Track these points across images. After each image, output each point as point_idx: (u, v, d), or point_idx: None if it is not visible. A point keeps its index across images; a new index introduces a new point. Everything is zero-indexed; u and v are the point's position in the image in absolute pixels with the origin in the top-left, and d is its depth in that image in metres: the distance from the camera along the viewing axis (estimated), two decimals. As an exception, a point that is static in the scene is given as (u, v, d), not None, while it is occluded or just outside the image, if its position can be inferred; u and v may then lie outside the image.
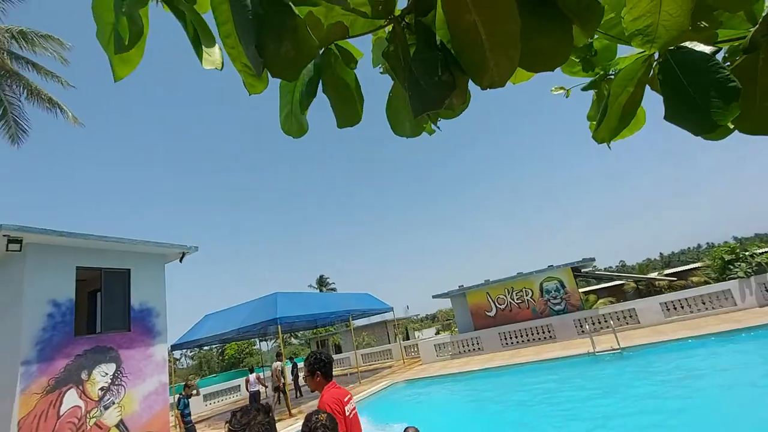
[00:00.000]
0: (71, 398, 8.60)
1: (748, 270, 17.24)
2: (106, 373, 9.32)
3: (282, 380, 13.29)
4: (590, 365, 11.50)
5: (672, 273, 34.77)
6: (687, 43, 0.96)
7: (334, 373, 2.89)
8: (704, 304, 14.70)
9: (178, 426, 9.57)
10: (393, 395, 13.16)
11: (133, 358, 9.89)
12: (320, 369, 2.80)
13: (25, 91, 14.26)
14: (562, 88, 1.57)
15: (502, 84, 0.83)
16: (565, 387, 10.04)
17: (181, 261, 11.65)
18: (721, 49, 1.08)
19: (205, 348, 42.05)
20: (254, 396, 13.62)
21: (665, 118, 0.96)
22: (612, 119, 1.16)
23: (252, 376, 13.98)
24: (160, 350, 10.59)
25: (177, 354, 49.93)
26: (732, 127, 1.00)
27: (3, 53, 12.89)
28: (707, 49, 0.97)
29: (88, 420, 8.72)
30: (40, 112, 14.55)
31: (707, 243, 78.25)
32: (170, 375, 14.66)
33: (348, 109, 1.21)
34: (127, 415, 9.34)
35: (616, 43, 1.22)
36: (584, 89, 1.44)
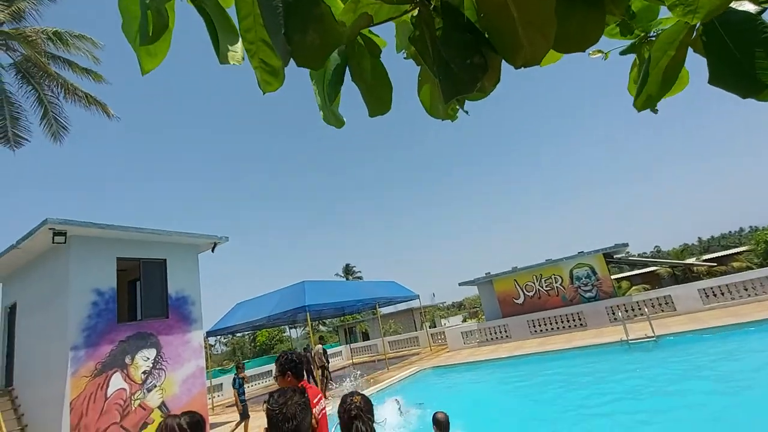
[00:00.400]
0: (117, 381, 9.14)
1: (797, 254, 16.23)
2: (148, 358, 9.83)
3: (324, 362, 13.52)
4: (623, 353, 11.20)
5: (711, 258, 33.21)
6: (732, 3, 0.91)
7: (362, 359, 2.95)
8: (746, 290, 13.98)
9: (235, 405, 10.37)
10: (421, 381, 13.28)
11: (171, 344, 10.38)
12: (291, 369, 2.90)
13: (63, 90, 14.96)
14: (600, 51, 1.50)
15: (538, 62, 0.81)
16: (595, 375, 9.84)
17: (212, 251, 12.06)
18: (766, 8, 1.01)
19: (238, 335, 43.70)
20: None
21: (710, 81, 0.92)
22: (652, 85, 1.09)
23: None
24: (196, 336, 11.07)
25: (212, 340, 52.18)
26: None
27: (42, 54, 13.48)
28: (752, 8, 0.93)
29: (132, 402, 9.26)
30: (76, 109, 15.19)
31: (750, 226, 73.88)
32: (206, 360, 15.35)
33: (377, 98, 1.22)
34: (168, 397, 9.86)
35: (658, 4, 1.15)
36: (623, 53, 1.37)
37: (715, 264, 29.34)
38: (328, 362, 16.66)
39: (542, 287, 18.92)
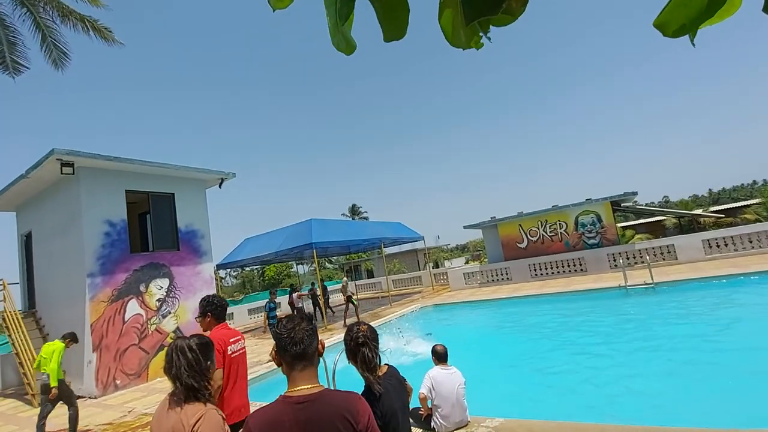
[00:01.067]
0: (133, 307, 9.66)
1: (808, 208, 15.98)
2: (161, 287, 10.30)
3: (350, 292, 14.64)
4: (620, 298, 11.52)
5: (720, 210, 32.91)
6: None
7: (367, 295, 3.03)
8: (751, 242, 13.98)
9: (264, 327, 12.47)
10: (422, 317, 13.91)
11: (183, 275, 10.81)
12: (212, 311, 3.12)
13: (58, 12, 14.16)
14: None
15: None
16: (589, 316, 10.20)
17: (220, 186, 12.11)
18: None
19: (247, 269, 45.46)
20: (299, 312, 14.76)
21: (764, 9, 0.78)
22: (692, 7, 0.91)
23: (294, 295, 15.01)
24: (207, 268, 11.49)
25: (222, 273, 54.39)
26: None
27: (30, -28, 12.60)
28: None
29: (149, 326, 9.85)
30: (77, 37, 14.49)
31: (764, 179, 72.22)
32: (217, 291, 16.07)
33: (394, 20, 1.13)
34: (182, 323, 10.46)
35: None
36: None
37: (723, 215, 29.13)
38: (328, 300, 17.49)
39: (546, 232, 19.07)
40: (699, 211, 34.24)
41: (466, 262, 44.65)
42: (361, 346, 1.98)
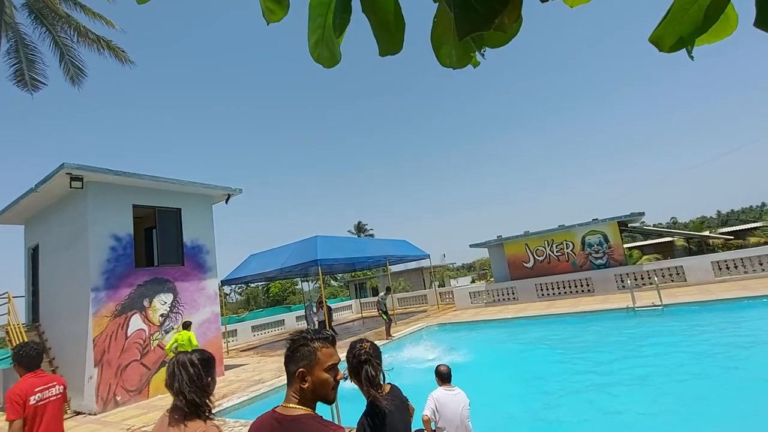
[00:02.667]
0: (136, 322, 9.63)
1: (820, 231, 15.74)
2: (165, 302, 10.28)
3: (385, 308, 14.01)
4: (628, 320, 11.30)
5: (728, 232, 32.52)
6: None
7: (372, 313, 2.99)
8: (761, 264, 13.74)
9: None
10: (427, 337, 13.70)
11: (187, 290, 10.80)
12: (18, 361, 3.23)
13: (75, 33, 14.74)
14: None
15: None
16: (599, 339, 9.99)
17: (226, 202, 12.22)
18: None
19: (252, 285, 45.30)
20: (320, 325, 14.58)
21: (755, 24, 0.79)
22: (687, 23, 0.90)
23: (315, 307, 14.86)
24: (211, 284, 11.48)
25: (227, 289, 54.28)
26: None
27: (52, -4, 13.16)
28: None
29: (151, 341, 9.80)
30: (92, 56, 15.03)
31: (774, 201, 71.46)
32: (221, 307, 16.02)
33: (390, 35, 1.12)
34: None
35: None
36: None
37: (732, 237, 28.78)
38: (331, 320, 17.26)
39: (553, 252, 18.90)
40: (707, 233, 33.87)
41: (472, 281, 44.21)
42: (364, 363, 1.94)
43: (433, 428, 4.29)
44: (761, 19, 0.78)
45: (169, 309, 10.33)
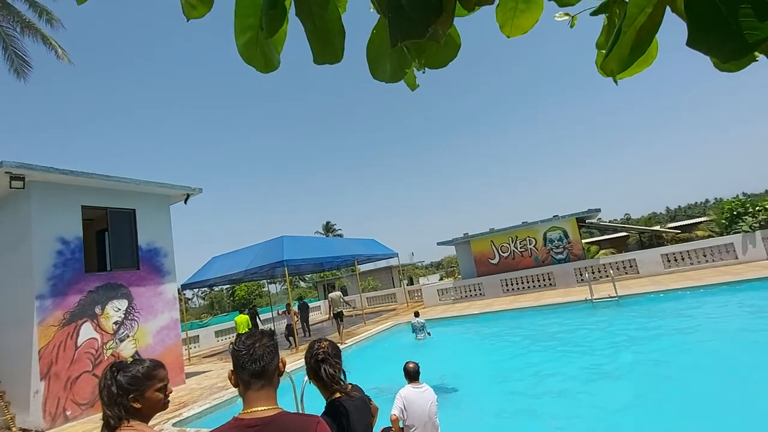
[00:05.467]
0: (87, 331, 9.03)
1: (754, 224, 17.12)
2: (119, 309, 9.71)
3: (339, 308, 13.73)
4: (587, 311, 11.81)
5: (676, 226, 34.72)
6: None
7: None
8: (705, 256, 14.76)
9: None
10: (396, 335, 13.72)
11: (143, 296, 10.25)
12: None
13: (19, 23, 13.86)
14: (567, 14, 1.34)
15: (491, 1, 0.77)
16: (560, 330, 10.37)
17: (185, 202, 11.70)
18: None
19: (216, 289, 43.84)
20: (288, 328, 14.15)
21: (688, 43, 0.81)
22: (624, 47, 0.98)
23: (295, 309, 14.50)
24: (170, 288, 10.95)
25: (188, 294, 52.20)
26: (757, 55, 0.88)
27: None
28: None
29: (105, 351, 9.22)
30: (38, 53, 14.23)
31: (715, 198, 77.32)
32: (182, 313, 15.35)
33: (326, 44, 1.04)
34: (141, 347, 9.86)
35: None
36: (593, 14, 1.23)
37: (680, 231, 30.73)
38: (308, 320, 16.99)
39: (517, 248, 19.46)
40: (658, 227, 35.98)
41: (440, 279, 44.83)
42: (321, 363, 1.89)
43: (401, 426, 4.27)
44: (693, 38, 0.80)
45: (123, 316, 9.76)
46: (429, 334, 11.30)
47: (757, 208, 18.04)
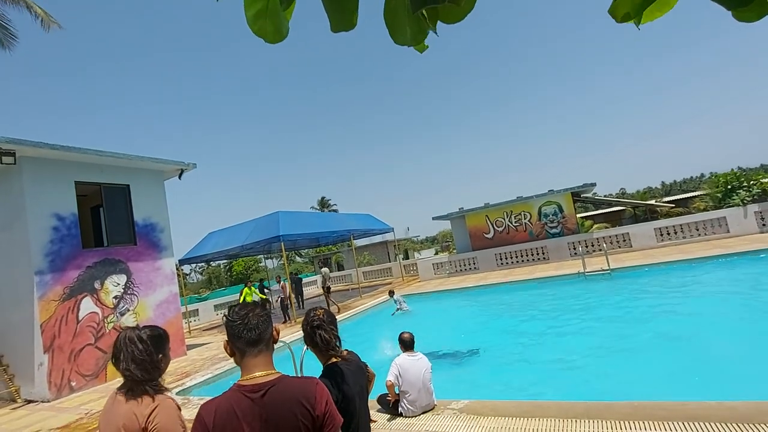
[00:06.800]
0: (88, 305, 9.15)
1: (747, 198, 17.28)
2: (118, 283, 9.80)
3: (327, 283, 14.97)
4: (579, 283, 12.04)
5: (672, 200, 34.95)
6: None
7: (337, 288, 2.99)
8: (698, 230, 14.95)
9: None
10: (391, 308, 13.98)
11: (142, 271, 10.33)
12: None
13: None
14: None
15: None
16: (553, 301, 10.61)
17: (180, 177, 11.61)
18: None
19: (213, 264, 44.10)
20: (281, 302, 14.41)
21: None
22: None
23: (285, 284, 14.67)
24: (167, 263, 11.03)
25: (187, 269, 52.48)
26: None
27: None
28: None
29: (106, 324, 9.37)
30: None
31: (710, 172, 77.60)
32: (181, 288, 15.51)
33: (342, 10, 1.06)
34: (142, 320, 10.02)
35: None
36: None
37: (674, 206, 30.98)
38: (302, 293, 17.24)
39: (511, 223, 19.61)
40: (653, 202, 36.22)
41: (436, 253, 45.27)
42: (317, 329, 1.96)
43: (397, 392, 4.45)
44: None
45: (123, 291, 9.87)
46: (407, 308, 12.07)
47: (752, 182, 18.18)
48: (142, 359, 1.74)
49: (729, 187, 18.09)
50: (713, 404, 3.37)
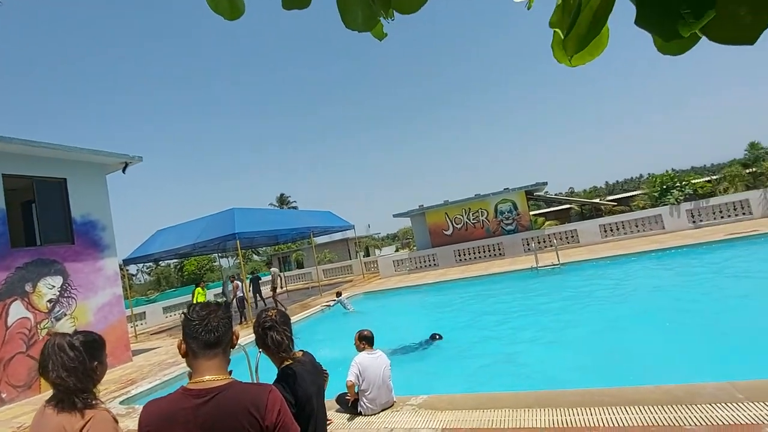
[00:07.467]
0: (17, 310, 8.34)
1: (680, 197, 18.85)
2: (53, 286, 9.01)
3: (275, 283, 15.42)
4: (532, 278, 12.59)
5: (614, 199, 37.39)
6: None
7: (297, 286, 2.91)
8: (637, 227, 16.08)
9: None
10: (352, 305, 13.92)
11: (81, 272, 9.57)
12: None
13: None
14: None
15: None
16: (508, 296, 11.01)
17: (124, 171, 10.85)
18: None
19: (162, 264, 41.79)
20: (240, 301, 13.84)
21: (636, 21, 0.85)
22: (582, 26, 1.01)
23: (239, 283, 14.11)
24: (110, 263, 10.28)
25: (133, 269, 49.43)
26: (700, 35, 0.93)
27: None
28: None
29: (39, 331, 8.59)
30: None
31: (648, 173, 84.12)
32: (126, 289, 14.57)
33: None
34: (81, 325, 9.28)
35: None
36: None
37: (617, 204, 33.17)
38: (260, 291, 16.78)
39: (470, 220, 20.14)
40: (598, 200, 38.59)
41: (396, 250, 45.63)
42: (268, 330, 1.88)
43: (357, 391, 4.41)
44: (641, 17, 0.83)
45: (59, 293, 9.08)
46: (352, 309, 12.28)
47: (684, 182, 19.87)
48: (74, 367, 1.59)
49: (664, 187, 19.65)
50: (650, 388, 3.62)
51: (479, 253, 18.49)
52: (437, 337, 7.52)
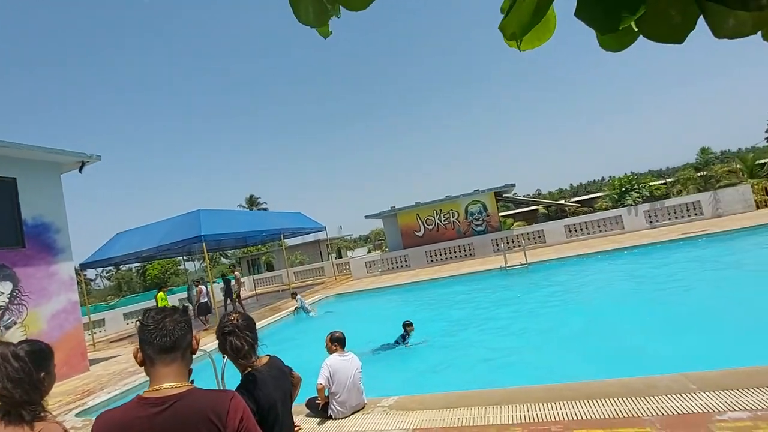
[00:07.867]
0: (-41, 319, 7.73)
1: (638, 199, 19.85)
2: (2, 293, 8.42)
3: (240, 287, 15.43)
4: (501, 278, 12.89)
5: (578, 200, 38.93)
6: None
7: (267, 289, 2.84)
8: (599, 227, 16.80)
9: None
10: (323, 308, 13.77)
11: (33, 277, 8.98)
12: None
13: None
14: None
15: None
16: (477, 295, 11.23)
17: (80, 171, 10.28)
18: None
19: (123, 268, 39.94)
20: (203, 306, 13.40)
21: (575, 13, 0.89)
22: (524, 12, 1.02)
23: (203, 287, 13.69)
24: (65, 268, 9.71)
25: (91, 274, 46.91)
26: (636, 30, 0.96)
27: None
28: None
29: (-16, 341, 7.99)
30: None
31: (609, 176, 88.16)
32: (84, 295, 13.81)
33: None
34: (33, 333, 8.70)
35: None
36: None
37: (580, 205, 34.54)
38: (231, 293, 16.38)
39: (441, 221, 20.39)
40: (563, 201, 40.04)
41: (368, 252, 45.59)
42: (228, 335, 1.83)
43: (327, 394, 4.35)
44: (580, 9, 0.86)
45: (8, 300, 8.49)
46: (312, 312, 12.33)
47: (642, 185, 20.94)
48: (20, 378, 1.50)
49: (623, 189, 20.62)
50: (611, 381, 3.77)
51: (450, 253, 18.75)
52: (408, 325, 7.41)
